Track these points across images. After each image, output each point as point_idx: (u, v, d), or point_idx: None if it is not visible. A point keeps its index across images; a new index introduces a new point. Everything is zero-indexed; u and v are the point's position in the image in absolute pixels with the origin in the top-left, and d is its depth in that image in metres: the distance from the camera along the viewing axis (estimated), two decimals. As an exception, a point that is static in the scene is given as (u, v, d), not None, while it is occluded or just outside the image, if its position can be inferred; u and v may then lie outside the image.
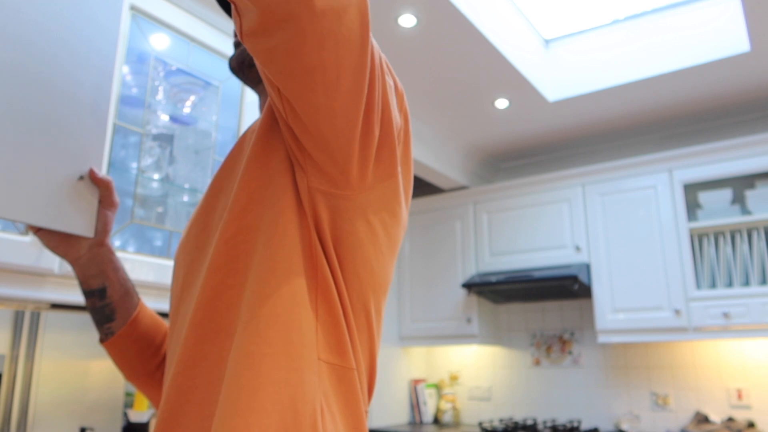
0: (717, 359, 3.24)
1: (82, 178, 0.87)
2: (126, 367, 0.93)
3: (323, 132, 0.64)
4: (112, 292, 0.91)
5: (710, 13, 2.90)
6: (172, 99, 1.76)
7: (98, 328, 0.93)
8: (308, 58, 0.59)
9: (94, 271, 0.90)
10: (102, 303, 0.91)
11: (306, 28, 0.57)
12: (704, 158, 3.14)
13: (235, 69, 0.87)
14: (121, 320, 0.92)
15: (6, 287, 1.27)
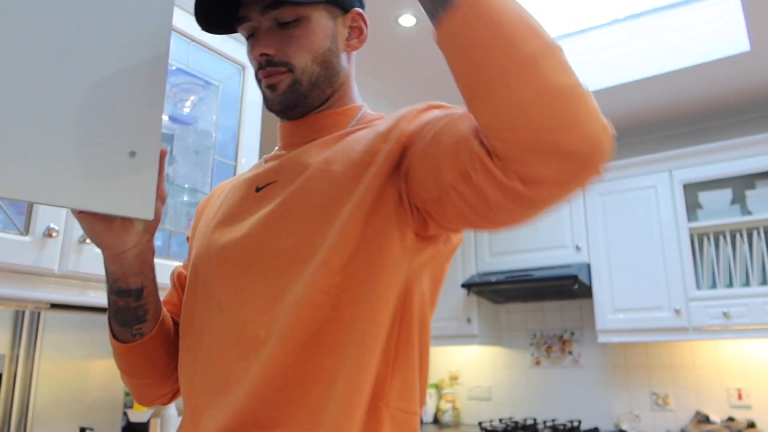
0: (717, 359, 3.24)
1: (134, 154, 0.73)
2: (149, 368, 0.88)
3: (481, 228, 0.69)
4: (148, 292, 0.83)
5: (710, 13, 2.90)
6: (172, 99, 1.76)
7: (123, 328, 0.84)
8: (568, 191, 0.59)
9: (137, 268, 0.80)
10: (137, 304, 0.83)
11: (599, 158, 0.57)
12: (704, 158, 3.14)
13: (279, 111, 0.86)
14: (152, 321, 0.86)
15: (6, 287, 1.27)
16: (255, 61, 0.84)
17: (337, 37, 0.86)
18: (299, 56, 0.82)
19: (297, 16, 0.81)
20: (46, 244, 1.32)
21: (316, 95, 0.85)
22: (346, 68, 0.88)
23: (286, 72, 0.82)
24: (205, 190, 1.77)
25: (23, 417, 1.78)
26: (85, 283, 1.41)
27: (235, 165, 1.82)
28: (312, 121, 0.87)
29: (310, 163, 0.80)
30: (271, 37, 0.82)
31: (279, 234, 0.76)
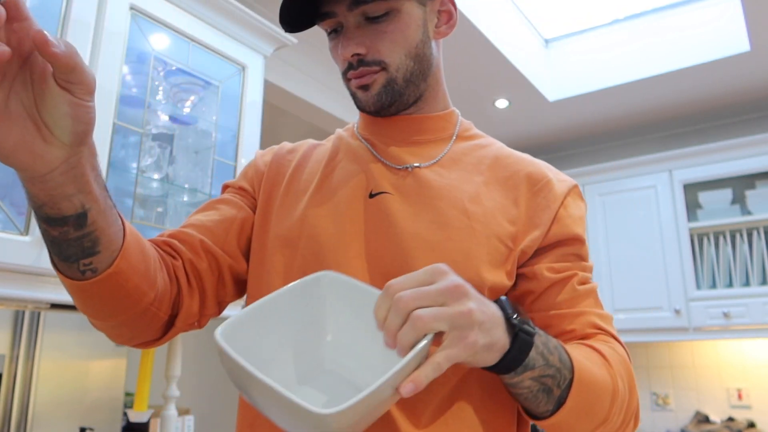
0: (717, 359, 3.24)
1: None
2: (116, 306, 0.68)
3: None
4: (96, 216, 0.60)
5: (710, 13, 2.90)
6: (172, 99, 1.76)
7: (66, 262, 0.63)
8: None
9: (71, 188, 0.57)
10: (79, 233, 0.60)
11: None
12: (704, 158, 3.14)
13: (373, 112, 0.82)
14: (108, 252, 0.63)
15: (6, 287, 1.27)
16: (343, 60, 0.79)
17: (427, 26, 0.81)
18: (393, 53, 0.77)
19: (388, 9, 0.76)
20: (46, 244, 1.32)
21: (411, 91, 0.81)
22: (437, 57, 0.84)
23: (379, 71, 0.78)
24: (205, 190, 1.77)
25: (23, 417, 1.78)
26: (85, 283, 1.41)
27: (235, 165, 1.82)
28: (416, 121, 0.84)
29: (437, 193, 0.77)
30: (360, 34, 0.77)
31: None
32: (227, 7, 1.83)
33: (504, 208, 0.78)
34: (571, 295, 0.77)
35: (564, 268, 0.78)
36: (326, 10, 0.77)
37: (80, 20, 1.46)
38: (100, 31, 1.50)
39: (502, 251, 0.75)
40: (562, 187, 0.81)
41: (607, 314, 0.82)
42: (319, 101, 2.76)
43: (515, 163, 0.83)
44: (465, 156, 0.83)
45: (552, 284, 0.77)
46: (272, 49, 2.02)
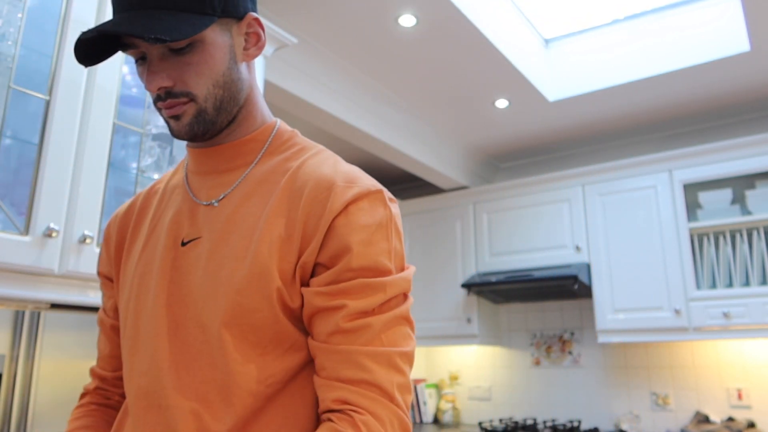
0: (717, 359, 3.24)
1: None
2: None
3: None
4: None
5: (710, 13, 2.90)
6: (172, 99, 1.76)
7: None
8: None
9: None
10: None
11: None
12: (704, 158, 3.14)
13: (187, 140, 0.82)
14: None
15: (6, 287, 1.27)
16: (150, 92, 0.78)
17: (235, 50, 0.80)
18: (200, 84, 0.77)
19: (190, 41, 0.75)
20: (46, 244, 1.32)
21: (224, 118, 0.81)
22: (247, 79, 0.83)
23: (188, 102, 0.77)
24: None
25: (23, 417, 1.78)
26: (85, 283, 1.42)
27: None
28: (223, 150, 0.84)
29: (235, 227, 0.78)
30: (166, 66, 0.76)
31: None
32: (227, 7, 1.83)
33: (289, 221, 0.76)
34: (333, 330, 0.73)
35: (334, 292, 0.73)
36: (128, 41, 0.76)
37: (80, 20, 1.46)
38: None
39: (286, 268, 0.75)
40: (346, 193, 0.76)
41: (382, 353, 0.72)
42: (319, 101, 2.76)
43: (311, 172, 0.80)
44: (270, 174, 0.82)
45: (316, 311, 0.74)
46: (272, 49, 2.02)
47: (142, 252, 0.85)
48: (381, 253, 0.75)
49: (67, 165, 1.39)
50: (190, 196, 0.85)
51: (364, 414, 0.69)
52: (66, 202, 1.37)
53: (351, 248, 0.73)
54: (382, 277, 0.74)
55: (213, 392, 0.74)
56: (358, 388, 0.71)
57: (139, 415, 0.77)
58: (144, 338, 0.80)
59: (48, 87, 1.39)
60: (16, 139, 1.35)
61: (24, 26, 1.38)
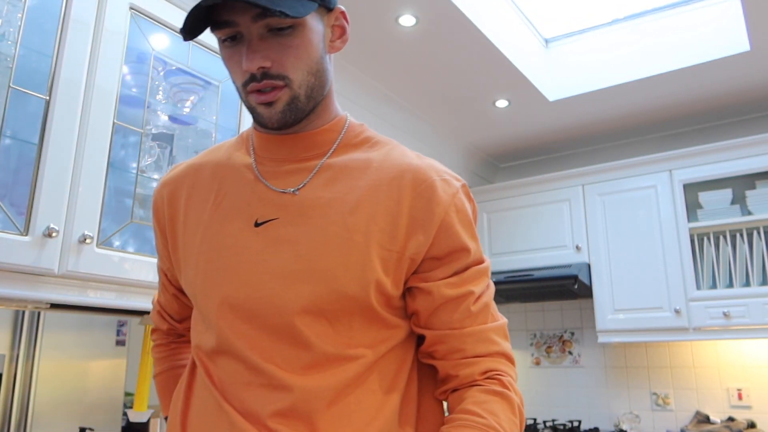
0: (717, 359, 3.24)
1: None
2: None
3: None
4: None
5: (710, 13, 2.89)
6: (172, 99, 1.76)
7: None
8: None
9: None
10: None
11: None
12: (704, 158, 3.14)
13: (275, 129, 0.81)
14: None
15: (6, 287, 1.27)
16: (244, 72, 0.77)
17: (325, 40, 0.81)
18: (297, 69, 0.76)
19: (293, 23, 0.75)
20: (46, 244, 1.32)
21: (311, 106, 0.81)
22: (331, 72, 0.84)
23: (283, 87, 0.77)
24: (205, 190, 1.77)
25: (23, 417, 1.78)
26: (85, 283, 1.42)
27: (235, 165, 1.82)
28: (300, 138, 0.84)
29: (320, 212, 0.79)
30: (265, 46, 0.75)
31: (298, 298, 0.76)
32: (227, 7, 1.83)
33: (388, 210, 0.78)
34: (465, 315, 0.80)
35: (460, 282, 0.81)
36: (227, 18, 0.74)
37: (80, 20, 1.46)
38: (99, 30, 1.50)
39: (386, 256, 0.77)
40: (447, 188, 0.81)
41: (497, 326, 0.83)
42: (319, 101, 2.76)
43: (403, 163, 0.82)
44: (351, 162, 0.83)
45: (447, 300, 0.80)
46: (272, 49, 2.02)
47: (206, 228, 0.84)
48: (479, 244, 0.84)
49: (67, 165, 1.39)
50: (261, 181, 0.84)
51: (505, 375, 0.80)
52: (66, 202, 1.37)
53: (468, 247, 0.81)
54: (485, 264, 0.84)
55: (296, 363, 0.76)
56: (496, 358, 0.81)
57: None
58: (213, 317, 0.80)
59: (48, 87, 1.39)
60: (15, 139, 1.35)
61: (24, 26, 1.38)
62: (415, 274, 0.81)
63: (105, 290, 1.45)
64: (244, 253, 0.79)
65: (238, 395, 0.77)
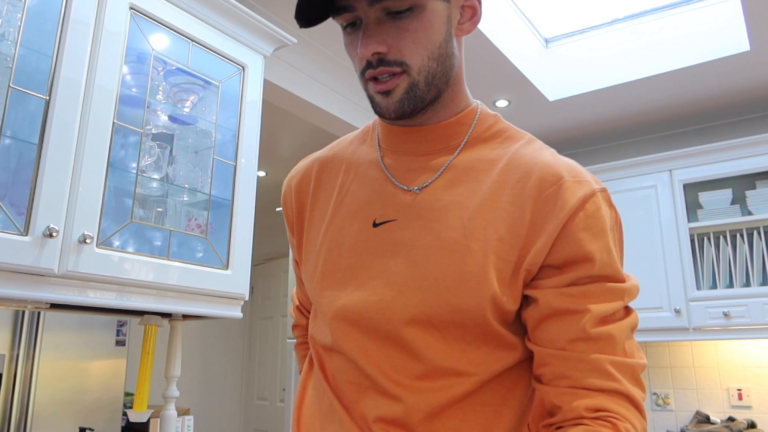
0: (717, 359, 3.24)
1: None
2: None
3: None
4: None
5: (710, 13, 2.89)
6: (172, 99, 1.76)
7: None
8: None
9: None
10: None
11: None
12: (704, 158, 3.14)
13: (393, 119, 0.76)
14: None
15: (6, 287, 1.27)
16: (361, 59, 0.74)
17: (451, 23, 0.75)
18: (415, 54, 0.72)
19: (412, 4, 0.70)
20: (46, 244, 1.32)
21: (433, 94, 0.75)
22: (458, 57, 0.77)
23: (401, 73, 0.72)
24: (205, 190, 1.77)
25: (23, 417, 1.78)
26: (85, 283, 1.42)
27: (235, 165, 1.82)
28: (428, 131, 0.79)
29: (438, 215, 0.74)
30: (382, 31, 0.71)
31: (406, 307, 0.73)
32: (227, 7, 1.83)
33: (509, 216, 0.72)
34: (578, 336, 0.68)
35: (575, 294, 0.69)
36: (344, 3, 0.71)
37: (80, 20, 1.46)
38: (99, 30, 1.50)
39: (503, 267, 0.70)
40: (577, 191, 0.71)
41: (624, 362, 0.68)
42: (318, 101, 2.76)
43: (531, 162, 0.74)
44: (478, 161, 0.77)
45: (554, 313, 0.69)
46: (272, 49, 2.02)
47: (328, 225, 0.82)
48: (617, 261, 0.71)
49: (67, 165, 1.39)
50: (386, 176, 0.80)
51: (625, 422, 0.65)
52: (66, 202, 1.37)
53: (593, 257, 0.69)
54: (620, 283, 0.70)
55: (405, 373, 0.72)
56: (612, 396, 0.66)
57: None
58: (326, 318, 0.79)
59: (48, 87, 1.39)
60: (15, 139, 1.35)
61: (24, 26, 1.38)
62: (530, 283, 0.72)
63: (105, 290, 1.45)
64: (362, 255, 0.77)
65: (347, 394, 0.76)
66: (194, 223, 1.73)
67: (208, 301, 1.67)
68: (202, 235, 1.73)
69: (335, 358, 0.78)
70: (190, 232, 1.71)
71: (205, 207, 1.77)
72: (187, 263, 1.62)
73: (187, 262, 1.63)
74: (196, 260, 1.68)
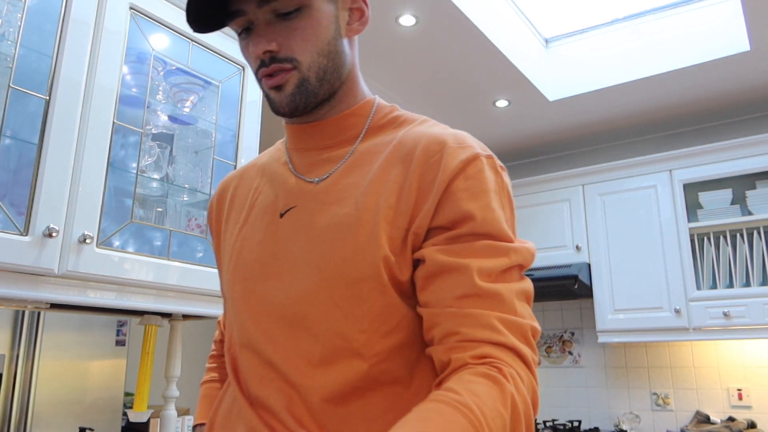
0: (717, 359, 3.24)
1: None
2: None
3: None
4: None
5: (710, 13, 2.89)
6: (172, 99, 1.76)
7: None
8: None
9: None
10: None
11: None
12: (704, 158, 3.14)
13: (287, 114, 0.80)
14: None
15: (6, 287, 1.27)
16: (255, 58, 0.77)
17: (339, 23, 0.79)
18: (305, 51, 0.76)
19: (298, 5, 0.75)
20: (46, 244, 1.32)
21: (326, 90, 0.79)
22: (350, 55, 0.82)
23: (292, 69, 0.76)
24: (205, 190, 1.77)
25: (23, 417, 1.78)
26: (85, 283, 1.42)
27: (235, 165, 1.82)
28: (325, 125, 0.83)
29: (336, 197, 0.77)
30: (271, 30, 0.76)
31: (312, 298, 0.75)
32: (227, 7, 1.83)
33: (398, 186, 0.74)
34: (464, 293, 0.68)
35: (458, 250, 0.69)
36: (235, 8, 0.76)
37: (80, 20, 1.46)
38: (99, 30, 1.50)
39: (395, 235, 0.72)
40: (460, 155, 0.73)
41: (513, 320, 0.68)
42: (319, 101, 2.76)
43: (419, 136, 0.77)
44: (374, 146, 0.80)
45: (439, 269, 0.69)
46: (272, 49, 2.02)
47: (242, 226, 0.85)
48: (501, 221, 0.72)
49: (67, 165, 1.39)
50: (291, 172, 0.84)
51: (508, 367, 0.64)
52: (66, 202, 1.37)
53: (474, 215, 0.70)
54: (503, 243, 0.71)
55: (307, 358, 0.73)
56: (498, 348, 0.66)
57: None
58: (237, 310, 0.81)
59: (48, 87, 1.39)
60: (15, 139, 1.35)
61: (24, 26, 1.38)
62: (419, 247, 0.73)
63: (105, 290, 1.45)
64: (270, 246, 0.79)
65: (256, 390, 0.78)
66: (194, 223, 1.73)
67: (208, 301, 1.67)
68: (202, 235, 1.73)
69: (246, 354, 0.80)
70: (190, 232, 1.71)
71: (205, 207, 1.77)
72: (187, 263, 1.62)
73: (187, 262, 1.63)
74: (196, 260, 1.68)
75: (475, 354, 0.65)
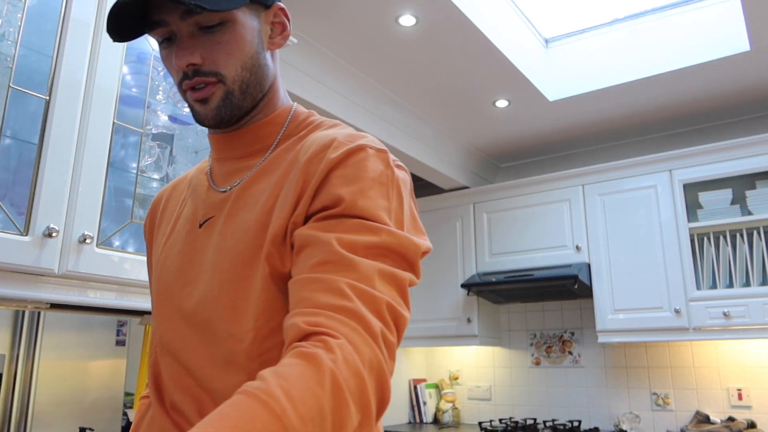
0: (717, 359, 3.24)
1: None
2: None
3: None
4: None
5: (710, 13, 2.90)
6: (172, 99, 1.76)
7: None
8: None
9: None
10: None
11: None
12: (704, 158, 3.14)
13: (212, 126, 0.81)
14: None
15: (6, 287, 1.27)
16: (178, 70, 0.77)
17: (262, 37, 0.81)
18: (229, 65, 0.77)
19: (222, 19, 0.75)
20: (46, 244, 1.32)
21: (249, 102, 0.81)
22: (272, 68, 0.84)
23: (216, 83, 0.77)
24: (205, 190, 1.77)
25: (23, 417, 1.78)
26: (85, 283, 1.42)
27: (235, 165, 1.82)
28: (242, 134, 0.84)
29: (243, 204, 0.79)
30: (194, 43, 0.75)
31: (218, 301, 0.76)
32: (227, 7, 1.83)
33: (291, 185, 0.75)
34: (320, 259, 0.65)
35: (323, 226, 0.68)
36: (158, 18, 0.75)
37: (80, 20, 1.46)
38: (100, 31, 1.50)
39: (278, 227, 0.73)
40: (344, 147, 0.74)
41: (367, 290, 0.63)
42: (318, 101, 2.76)
43: (319, 137, 0.77)
44: (285, 152, 0.81)
45: (304, 242, 0.69)
46: (272, 49, 2.02)
47: (167, 239, 0.88)
48: (378, 207, 0.70)
49: (67, 165, 1.39)
50: (209, 182, 0.87)
51: (338, 338, 0.59)
52: (66, 202, 1.37)
53: (343, 197, 0.69)
54: (372, 222, 0.68)
55: (215, 361, 0.75)
56: (338, 314, 0.61)
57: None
58: (162, 322, 0.83)
59: (48, 87, 1.39)
60: (15, 139, 1.35)
61: (24, 26, 1.38)
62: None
63: (105, 290, 1.45)
64: (190, 255, 0.82)
65: (172, 394, 0.80)
66: (194, 223, 1.73)
67: (208, 301, 1.67)
68: (202, 235, 1.73)
69: (166, 360, 0.81)
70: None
71: (205, 207, 1.77)
72: (187, 263, 1.62)
73: (187, 262, 1.63)
74: (196, 260, 1.68)
75: (308, 321, 0.61)
